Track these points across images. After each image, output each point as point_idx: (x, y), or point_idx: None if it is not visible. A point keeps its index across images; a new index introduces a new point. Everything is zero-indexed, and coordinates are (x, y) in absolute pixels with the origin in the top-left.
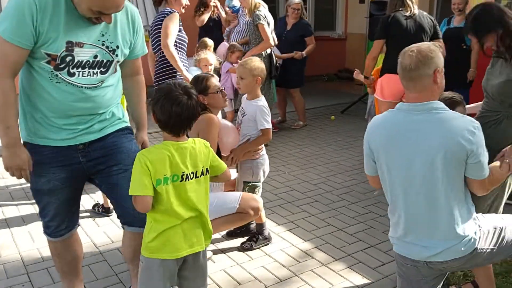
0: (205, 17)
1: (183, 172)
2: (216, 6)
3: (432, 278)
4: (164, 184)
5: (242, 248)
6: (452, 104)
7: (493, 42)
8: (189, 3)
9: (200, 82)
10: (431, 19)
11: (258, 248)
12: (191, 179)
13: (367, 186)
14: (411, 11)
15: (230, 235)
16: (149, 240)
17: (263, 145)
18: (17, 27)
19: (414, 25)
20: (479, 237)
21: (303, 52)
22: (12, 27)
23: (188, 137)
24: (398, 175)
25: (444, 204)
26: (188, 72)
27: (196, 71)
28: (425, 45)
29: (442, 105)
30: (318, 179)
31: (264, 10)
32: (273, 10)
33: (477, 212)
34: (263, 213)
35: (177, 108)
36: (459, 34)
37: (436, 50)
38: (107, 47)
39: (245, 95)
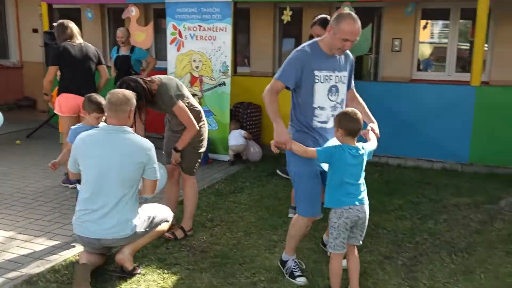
0: None
1: None
2: None
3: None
4: None
5: None
6: None
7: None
8: None
9: None
10: (95, 49)
11: None
12: None
13: (59, 189)
14: (77, 41)
15: None
16: None
17: None
18: None
19: (81, 53)
20: (138, 223)
21: None
22: None
23: None
24: (95, 173)
25: (123, 197)
26: None
27: None
28: (126, 91)
29: (130, 129)
30: (11, 190)
31: None
32: None
33: None
34: None
35: None
36: (128, 60)
37: (132, 96)
38: None
39: None
